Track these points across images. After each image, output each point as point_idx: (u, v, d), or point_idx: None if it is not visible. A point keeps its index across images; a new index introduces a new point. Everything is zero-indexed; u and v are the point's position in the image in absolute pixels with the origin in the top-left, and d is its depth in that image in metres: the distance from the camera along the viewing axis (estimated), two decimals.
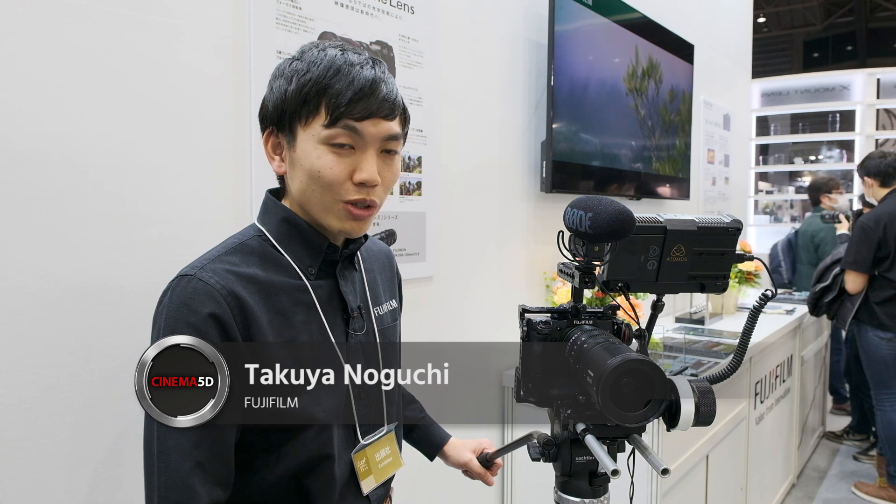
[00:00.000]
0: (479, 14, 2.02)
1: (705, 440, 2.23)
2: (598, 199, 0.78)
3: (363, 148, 0.85)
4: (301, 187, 0.86)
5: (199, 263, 0.84)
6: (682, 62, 3.22)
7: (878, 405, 3.27)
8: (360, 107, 0.83)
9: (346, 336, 0.94)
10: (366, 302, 0.99)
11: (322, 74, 0.83)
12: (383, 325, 1.02)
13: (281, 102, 0.85)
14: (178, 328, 0.79)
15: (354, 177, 0.85)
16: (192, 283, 0.81)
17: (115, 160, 1.11)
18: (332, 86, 0.82)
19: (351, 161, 0.85)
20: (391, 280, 1.10)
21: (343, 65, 0.83)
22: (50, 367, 1.04)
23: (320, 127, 0.83)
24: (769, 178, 7.27)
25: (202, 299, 0.80)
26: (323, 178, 0.84)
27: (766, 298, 0.87)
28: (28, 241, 1.01)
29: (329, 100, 0.83)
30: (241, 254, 0.87)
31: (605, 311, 0.89)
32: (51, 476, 1.05)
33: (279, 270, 0.88)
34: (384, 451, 0.99)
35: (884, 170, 3.23)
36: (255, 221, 0.93)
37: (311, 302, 0.90)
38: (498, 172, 2.13)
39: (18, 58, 0.99)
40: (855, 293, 3.18)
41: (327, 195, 0.85)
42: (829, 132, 6.22)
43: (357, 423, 0.94)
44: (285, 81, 0.85)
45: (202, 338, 0.78)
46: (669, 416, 0.79)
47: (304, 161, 0.85)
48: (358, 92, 0.83)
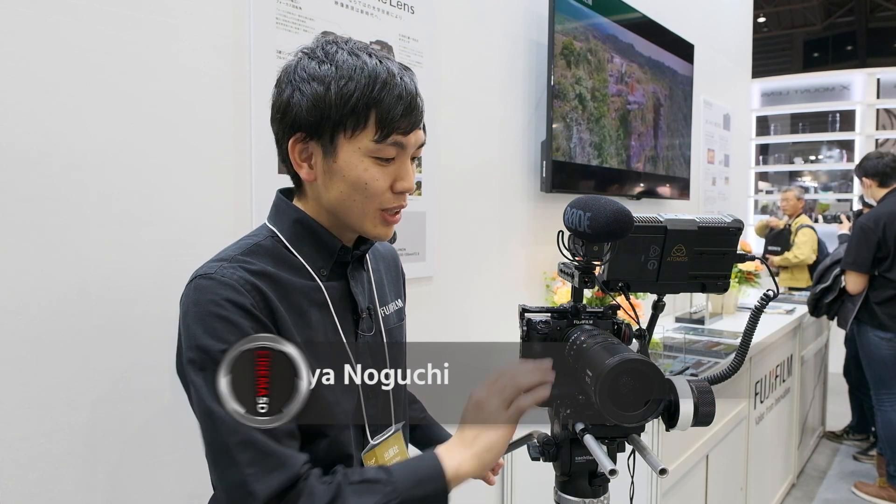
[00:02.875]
0: (479, 14, 2.02)
1: (705, 440, 2.23)
2: (598, 199, 0.78)
3: (402, 157, 0.87)
4: (340, 197, 0.86)
5: (215, 264, 0.84)
6: (682, 62, 3.21)
7: (878, 405, 3.27)
8: (407, 122, 0.84)
9: (356, 336, 0.95)
10: (374, 302, 0.99)
11: (369, 86, 0.82)
12: (390, 325, 1.02)
13: (318, 110, 0.82)
14: (205, 322, 0.79)
15: (396, 186, 0.87)
16: (211, 281, 0.81)
17: (114, 161, 1.11)
18: (383, 100, 0.82)
19: (392, 171, 0.86)
20: (396, 279, 1.11)
21: (387, 77, 0.83)
22: (50, 367, 1.04)
23: (369, 141, 0.83)
24: (769, 177, 7.27)
25: (224, 291, 0.80)
26: (369, 189, 0.85)
27: (768, 298, 0.87)
28: (27, 242, 1.01)
29: (381, 115, 0.82)
30: (255, 254, 0.87)
31: (605, 311, 0.89)
32: (51, 476, 1.05)
33: (294, 271, 0.88)
34: (393, 451, 1.00)
35: (882, 170, 3.23)
36: (265, 222, 0.93)
37: (324, 302, 0.90)
38: (498, 172, 2.13)
39: (17, 58, 0.99)
40: (856, 293, 3.18)
41: (369, 204, 0.86)
42: (829, 132, 6.22)
43: (367, 424, 0.95)
44: (321, 86, 0.82)
45: (231, 325, 0.78)
46: (668, 416, 0.79)
47: (349, 172, 0.84)
48: (407, 108, 0.83)
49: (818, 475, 3.66)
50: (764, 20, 12.42)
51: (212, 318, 0.79)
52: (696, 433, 2.17)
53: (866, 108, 5.82)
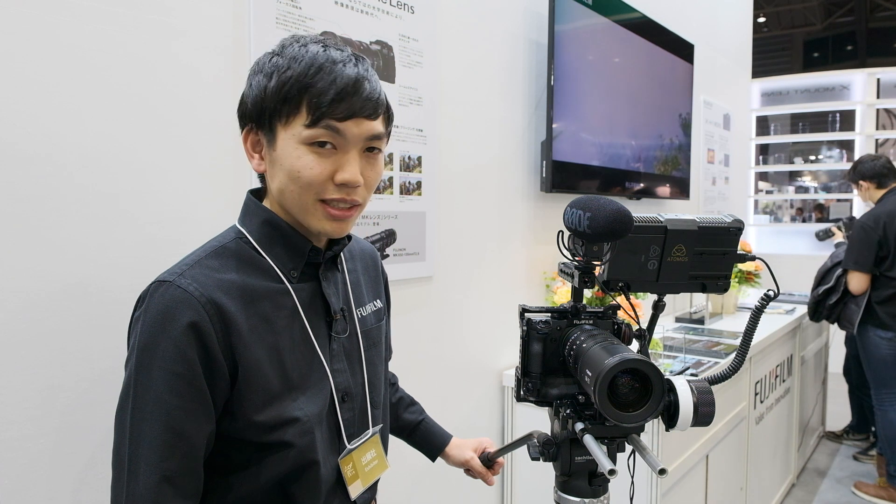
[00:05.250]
0: (479, 14, 2.02)
1: (705, 440, 2.23)
2: (597, 199, 0.78)
3: (345, 148, 0.83)
4: (280, 187, 0.84)
5: (178, 269, 0.82)
6: (682, 62, 3.22)
7: (878, 405, 3.28)
8: (343, 106, 0.81)
9: (329, 339, 0.92)
10: (349, 303, 0.97)
11: (303, 72, 0.80)
12: (366, 325, 1.00)
13: (260, 100, 0.83)
14: (157, 338, 0.78)
15: (336, 177, 0.83)
16: (171, 291, 0.79)
17: (112, 161, 1.11)
18: (314, 84, 0.80)
19: (333, 161, 0.83)
20: (376, 280, 1.08)
21: (325, 62, 0.81)
22: (49, 367, 1.04)
23: (301, 127, 0.81)
24: (769, 177, 7.27)
25: (180, 308, 0.78)
26: (302, 178, 0.82)
27: (769, 299, 0.87)
28: (27, 242, 1.01)
29: (311, 99, 0.80)
30: (221, 257, 0.85)
31: (605, 311, 0.89)
32: (51, 476, 1.05)
33: (260, 274, 0.86)
34: (370, 455, 0.98)
35: (878, 171, 3.27)
36: (235, 223, 0.92)
37: (293, 305, 0.88)
38: (498, 172, 2.13)
39: (15, 58, 0.99)
40: (859, 293, 3.18)
41: (306, 195, 0.83)
42: (829, 132, 6.22)
43: (342, 428, 0.93)
44: (265, 77, 0.82)
45: (179, 349, 0.78)
46: (668, 417, 0.79)
47: (284, 161, 0.82)
48: (340, 91, 0.80)
49: (818, 475, 3.66)
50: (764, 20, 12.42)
51: (158, 333, 0.78)
52: (696, 433, 2.17)
53: (866, 108, 5.82)
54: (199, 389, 0.79)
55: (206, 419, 0.81)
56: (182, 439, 0.78)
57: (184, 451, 0.79)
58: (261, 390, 0.83)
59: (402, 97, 1.70)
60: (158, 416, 0.77)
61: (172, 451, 0.78)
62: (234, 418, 0.83)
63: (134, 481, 0.77)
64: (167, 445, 0.77)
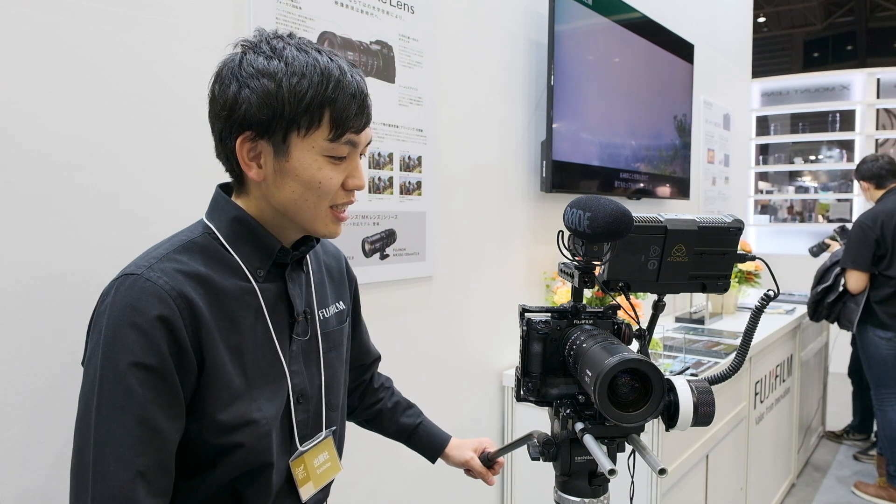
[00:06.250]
0: (479, 14, 2.02)
1: (705, 440, 2.23)
2: (597, 199, 0.78)
3: (353, 155, 0.86)
4: (292, 197, 0.84)
5: (146, 262, 0.80)
6: (682, 62, 3.22)
7: (878, 405, 3.28)
8: (360, 120, 0.84)
9: (290, 341, 0.92)
10: (311, 305, 0.96)
11: (322, 84, 0.80)
12: (328, 328, 0.99)
13: (270, 108, 0.79)
14: (125, 331, 0.75)
15: (348, 184, 0.86)
16: (140, 283, 0.77)
17: (111, 160, 1.11)
18: (336, 99, 0.81)
19: (343, 169, 0.85)
20: (340, 282, 1.07)
21: (339, 75, 0.82)
22: (50, 367, 1.04)
23: (323, 140, 0.82)
24: (769, 177, 7.27)
25: (150, 300, 0.76)
26: (323, 188, 0.84)
27: (769, 299, 0.86)
28: (27, 242, 1.01)
29: (334, 114, 0.81)
30: (189, 252, 0.83)
31: (605, 311, 0.89)
32: (52, 476, 1.05)
33: (227, 271, 0.85)
34: (322, 457, 0.97)
35: (877, 172, 3.32)
36: (203, 217, 0.90)
37: (258, 305, 0.87)
38: (498, 172, 2.13)
39: (15, 58, 0.99)
40: (857, 292, 3.19)
41: (322, 204, 0.85)
42: (829, 132, 6.22)
43: (296, 429, 0.92)
44: (271, 83, 0.79)
45: (150, 342, 0.75)
46: (668, 417, 0.79)
47: (303, 172, 0.82)
48: (360, 106, 0.83)
49: (818, 475, 3.66)
50: (764, 20, 12.41)
51: (126, 326, 0.75)
52: (696, 433, 2.17)
53: (866, 108, 5.82)
54: (172, 384, 0.77)
55: (179, 415, 0.78)
56: (156, 434, 0.75)
57: (157, 445, 0.76)
58: (224, 389, 0.81)
59: (402, 97, 1.70)
60: (131, 411, 0.74)
61: (146, 446, 0.74)
62: (195, 418, 0.80)
63: (102, 482, 0.72)
64: (140, 441, 0.74)
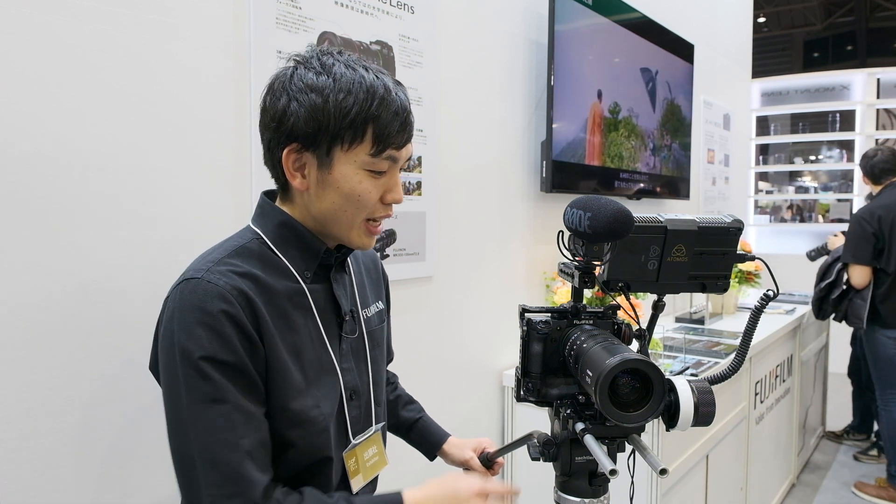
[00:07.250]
0: (479, 14, 2.02)
1: (705, 440, 2.23)
2: (598, 199, 0.78)
3: (392, 170, 0.89)
4: (332, 208, 0.87)
5: (203, 266, 0.84)
6: (682, 62, 3.22)
7: (883, 405, 3.26)
8: (401, 137, 0.86)
9: (339, 339, 0.96)
10: (356, 304, 1.00)
11: (367, 101, 0.83)
12: (371, 326, 1.03)
13: (315, 121, 0.82)
14: (195, 329, 0.79)
15: (387, 198, 0.89)
16: (202, 286, 0.81)
17: (113, 161, 1.11)
18: (380, 116, 0.83)
19: (382, 183, 0.88)
20: (377, 282, 1.11)
21: (384, 93, 0.84)
22: (50, 367, 1.04)
23: (365, 155, 0.85)
24: (769, 177, 7.27)
25: (213, 300, 0.80)
26: (362, 201, 0.87)
27: (768, 299, 0.87)
28: (28, 242, 1.01)
29: (378, 130, 0.84)
30: (242, 256, 0.87)
31: (605, 311, 0.89)
32: (52, 476, 1.05)
33: (278, 273, 0.89)
34: (372, 451, 1.01)
35: (869, 170, 3.37)
36: (250, 223, 0.94)
37: (308, 306, 0.91)
38: (498, 172, 2.13)
39: (15, 58, 0.99)
40: (862, 287, 3.18)
41: (359, 215, 0.88)
42: (829, 132, 6.22)
43: (349, 424, 0.96)
44: (318, 98, 0.82)
45: (222, 339, 0.79)
46: (668, 417, 0.79)
47: (344, 184, 0.86)
48: (402, 123, 0.86)
49: (818, 475, 3.66)
50: (764, 20, 12.42)
51: (196, 325, 0.79)
52: (696, 433, 2.17)
53: (866, 108, 5.82)
54: (250, 374, 0.81)
55: (263, 401, 0.83)
56: (252, 417, 0.80)
57: (255, 426, 0.80)
58: (287, 384, 0.85)
59: None
60: (223, 400, 0.78)
61: (246, 428, 0.79)
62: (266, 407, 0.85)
63: (213, 470, 0.77)
64: (240, 424, 0.79)
